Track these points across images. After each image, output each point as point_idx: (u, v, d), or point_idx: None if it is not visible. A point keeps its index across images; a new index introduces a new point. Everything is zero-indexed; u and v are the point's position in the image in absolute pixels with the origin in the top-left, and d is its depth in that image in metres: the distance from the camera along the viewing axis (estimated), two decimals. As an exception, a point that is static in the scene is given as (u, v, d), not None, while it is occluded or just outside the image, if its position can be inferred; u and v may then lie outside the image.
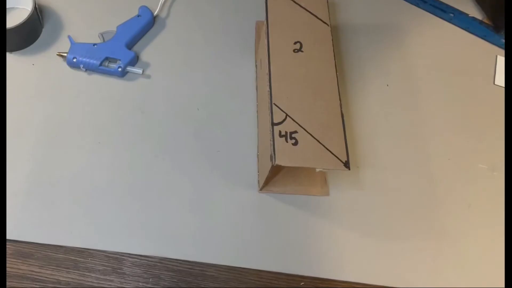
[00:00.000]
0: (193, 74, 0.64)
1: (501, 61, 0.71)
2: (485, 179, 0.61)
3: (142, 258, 0.51)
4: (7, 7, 0.63)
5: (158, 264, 0.51)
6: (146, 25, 0.65)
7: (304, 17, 0.54)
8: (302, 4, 0.55)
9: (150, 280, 0.50)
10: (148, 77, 0.63)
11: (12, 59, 0.61)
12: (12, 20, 0.59)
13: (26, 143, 0.56)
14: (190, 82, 0.63)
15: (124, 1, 0.68)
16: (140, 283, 0.50)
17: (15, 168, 0.54)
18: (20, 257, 0.50)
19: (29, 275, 0.49)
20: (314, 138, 0.46)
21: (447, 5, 0.76)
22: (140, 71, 0.62)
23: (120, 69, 0.61)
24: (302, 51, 0.51)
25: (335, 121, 0.48)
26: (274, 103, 0.48)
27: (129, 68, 0.62)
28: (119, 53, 0.61)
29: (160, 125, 0.59)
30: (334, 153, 0.46)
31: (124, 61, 0.61)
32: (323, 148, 0.46)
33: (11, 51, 0.62)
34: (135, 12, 0.65)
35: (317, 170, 0.46)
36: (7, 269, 0.49)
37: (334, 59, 0.51)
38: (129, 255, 0.51)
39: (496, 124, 0.65)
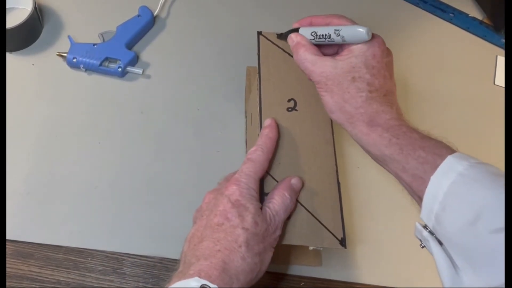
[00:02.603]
0: (193, 74, 0.64)
1: (501, 61, 0.71)
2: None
3: (142, 258, 0.51)
4: (7, 7, 0.63)
5: (158, 264, 0.51)
6: (146, 25, 0.65)
7: (299, 71, 0.48)
8: None
9: (150, 280, 0.50)
10: (148, 77, 0.63)
11: (12, 59, 0.61)
12: (12, 20, 0.59)
13: (26, 143, 0.56)
14: (190, 82, 0.63)
15: (124, 1, 0.68)
16: (140, 283, 0.50)
17: (15, 168, 0.54)
18: (20, 257, 0.50)
19: (29, 275, 0.49)
20: (308, 211, 0.43)
21: (447, 5, 0.76)
22: (140, 71, 0.62)
23: (120, 69, 0.61)
24: (296, 110, 0.48)
25: (330, 191, 0.44)
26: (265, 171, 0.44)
27: (129, 68, 0.62)
28: (119, 53, 0.61)
29: (160, 125, 0.59)
30: (329, 229, 0.42)
31: (124, 61, 0.61)
32: (317, 222, 0.43)
33: (11, 51, 0.62)
34: (135, 12, 0.65)
35: (311, 248, 0.43)
36: (7, 269, 0.49)
37: (331, 119, 0.47)
38: (129, 255, 0.51)
39: (496, 124, 0.65)
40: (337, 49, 0.47)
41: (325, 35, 0.44)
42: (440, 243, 0.37)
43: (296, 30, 0.47)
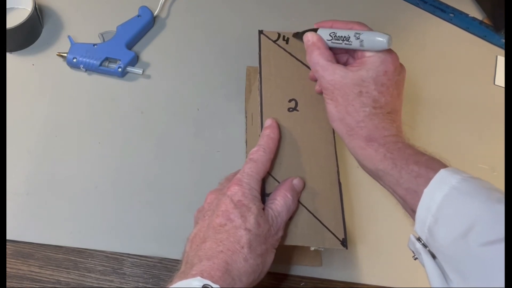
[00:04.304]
0: (193, 74, 0.64)
1: (501, 61, 0.71)
2: (485, 179, 0.60)
3: (142, 258, 0.51)
4: (7, 7, 0.63)
5: (158, 264, 0.51)
6: (146, 25, 0.65)
7: (300, 71, 0.49)
8: (298, 57, 0.50)
9: (150, 280, 0.50)
10: (148, 77, 0.63)
11: (12, 59, 0.61)
12: (12, 20, 0.59)
13: (26, 143, 0.56)
14: (190, 82, 0.63)
15: (124, 1, 0.68)
16: (140, 283, 0.50)
17: (15, 168, 0.54)
18: (20, 258, 0.50)
19: (29, 276, 0.49)
20: (309, 211, 0.43)
21: (447, 5, 0.76)
22: (140, 71, 0.62)
23: (120, 69, 0.61)
24: (297, 110, 0.47)
25: (331, 191, 0.44)
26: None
27: (129, 68, 0.62)
28: (119, 53, 0.61)
29: (160, 125, 0.59)
30: (330, 229, 0.42)
31: (124, 61, 0.61)
32: (319, 223, 0.43)
33: (11, 51, 0.62)
34: (135, 12, 0.65)
35: (312, 248, 0.43)
36: (7, 269, 0.49)
37: None
38: (129, 255, 0.51)
39: (496, 124, 0.65)
40: (348, 58, 0.47)
41: (344, 37, 0.43)
42: (433, 256, 0.37)
43: (314, 30, 0.46)
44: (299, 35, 0.49)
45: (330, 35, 0.44)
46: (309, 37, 0.46)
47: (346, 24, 0.45)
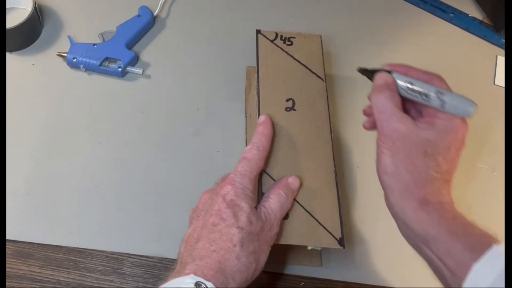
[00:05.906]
0: (193, 74, 0.64)
1: (501, 61, 0.71)
2: (485, 179, 0.60)
3: (142, 258, 0.51)
4: (7, 7, 0.63)
5: (158, 264, 0.51)
6: (146, 25, 0.65)
7: (298, 71, 0.49)
8: (296, 56, 0.50)
9: (150, 280, 0.50)
10: (148, 77, 0.63)
11: (12, 59, 0.61)
12: (12, 20, 0.59)
13: (26, 143, 0.56)
14: (190, 82, 0.63)
15: (124, 1, 0.68)
16: (140, 283, 0.50)
17: (15, 168, 0.54)
18: (20, 257, 0.50)
19: (29, 276, 0.49)
20: (306, 210, 0.43)
21: (447, 5, 0.76)
22: (140, 71, 0.62)
23: (120, 69, 0.61)
24: (294, 110, 0.47)
25: (328, 190, 0.44)
26: (264, 171, 0.45)
27: (129, 68, 0.62)
28: (119, 53, 0.61)
29: (160, 125, 0.59)
30: (328, 229, 0.42)
31: (124, 61, 0.61)
32: (316, 222, 0.43)
33: (11, 51, 0.62)
34: (135, 12, 0.65)
35: (309, 248, 0.43)
36: (7, 269, 0.49)
37: (329, 119, 0.48)
38: (129, 255, 0.51)
39: (496, 124, 0.65)
40: (409, 108, 0.44)
41: (423, 92, 0.40)
42: None
43: (387, 71, 0.43)
44: (367, 72, 0.44)
45: (407, 84, 0.41)
46: (384, 77, 0.42)
47: (423, 74, 0.42)
